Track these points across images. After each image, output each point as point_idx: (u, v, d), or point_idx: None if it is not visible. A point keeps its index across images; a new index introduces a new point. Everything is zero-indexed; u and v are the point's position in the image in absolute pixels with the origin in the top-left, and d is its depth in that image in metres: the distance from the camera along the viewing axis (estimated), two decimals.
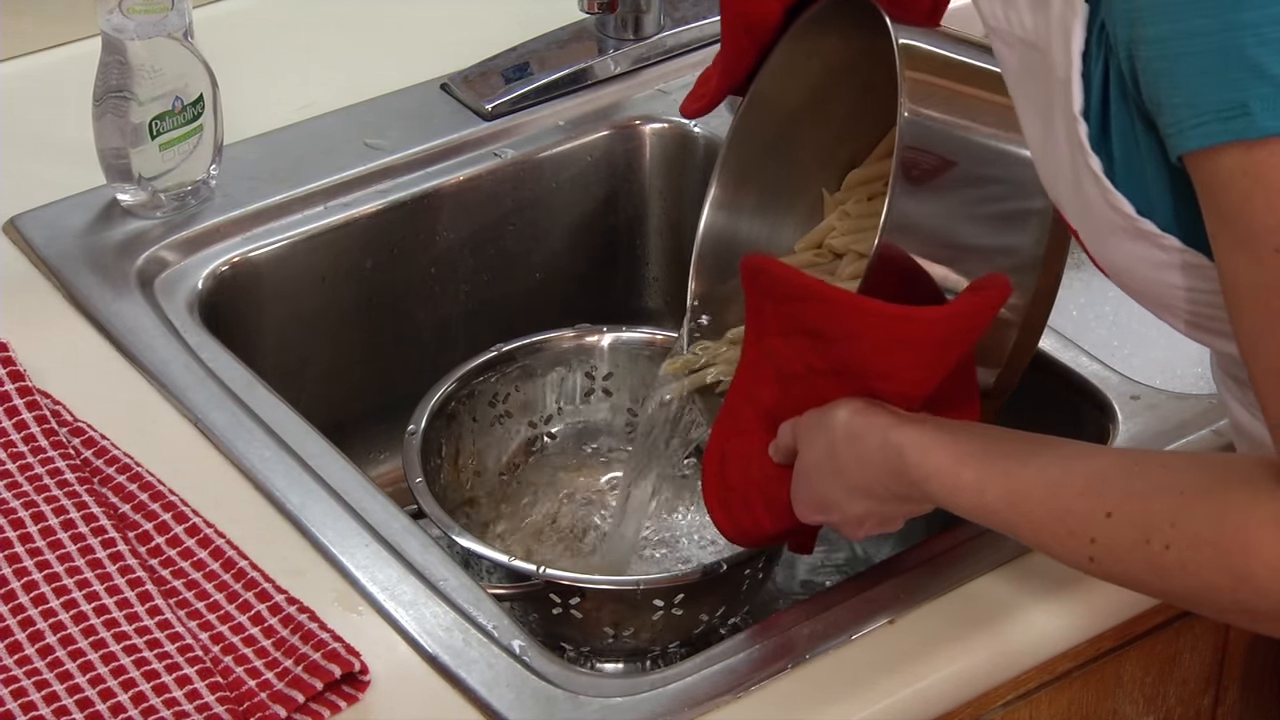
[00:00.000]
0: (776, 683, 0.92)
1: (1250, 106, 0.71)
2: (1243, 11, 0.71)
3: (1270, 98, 0.70)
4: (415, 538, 0.99)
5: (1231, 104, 0.71)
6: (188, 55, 1.16)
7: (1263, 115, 0.71)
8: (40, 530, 0.97)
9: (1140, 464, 0.81)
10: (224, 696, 0.89)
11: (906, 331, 0.87)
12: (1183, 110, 0.74)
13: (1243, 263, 0.74)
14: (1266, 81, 0.70)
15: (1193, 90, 0.73)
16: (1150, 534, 0.79)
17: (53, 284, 1.15)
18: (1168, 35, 0.73)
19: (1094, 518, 0.81)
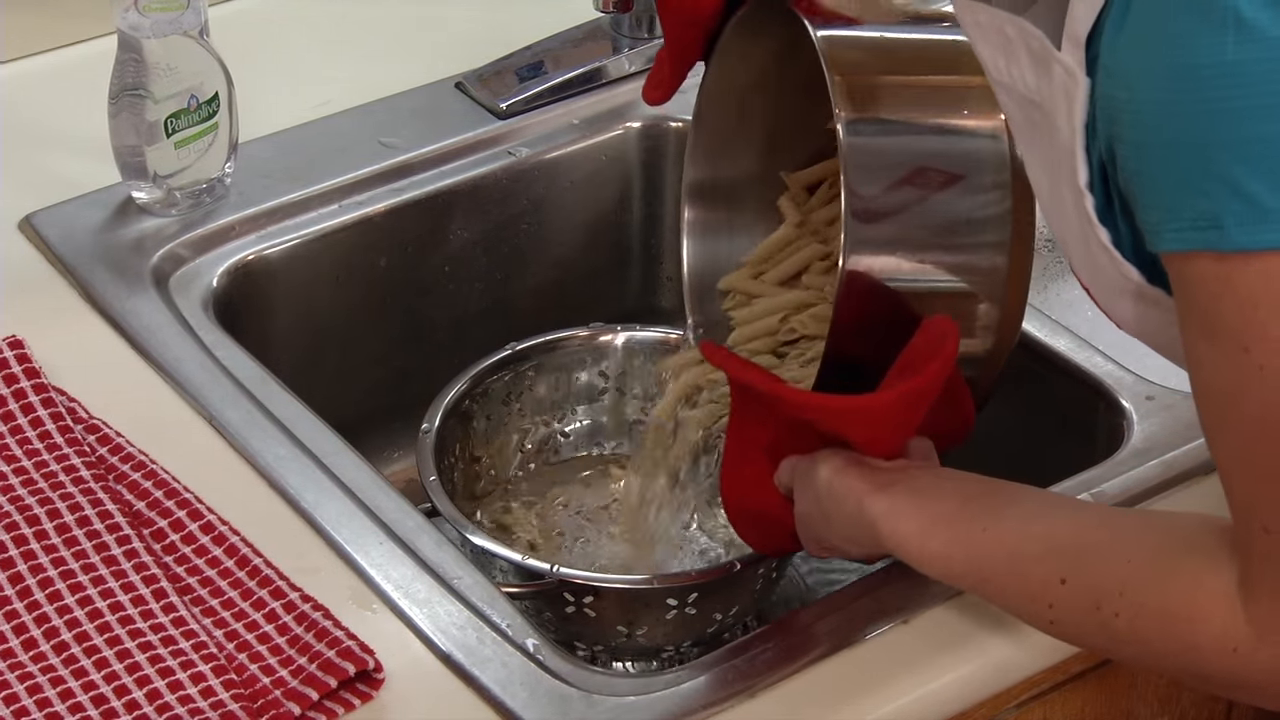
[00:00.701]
0: (790, 682, 0.92)
1: (1223, 220, 0.72)
2: (1221, 130, 0.71)
3: (1243, 214, 0.71)
4: (429, 536, 0.99)
5: (1205, 215, 0.72)
6: (203, 53, 1.17)
7: (1235, 230, 0.72)
8: (56, 527, 0.97)
9: (1093, 529, 0.83)
10: (238, 694, 0.89)
11: (858, 420, 0.90)
12: (1158, 213, 0.75)
13: (1207, 354, 0.75)
14: (1240, 198, 0.71)
15: (1168, 197, 0.74)
16: (1101, 601, 0.81)
17: (68, 281, 1.16)
18: (1147, 142, 0.74)
19: (1050, 583, 0.83)
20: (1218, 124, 0.71)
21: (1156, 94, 0.73)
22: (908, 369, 0.91)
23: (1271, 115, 0.71)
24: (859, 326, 0.93)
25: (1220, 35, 0.70)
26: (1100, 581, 0.81)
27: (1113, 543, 0.82)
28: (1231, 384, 0.74)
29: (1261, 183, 0.71)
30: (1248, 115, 0.71)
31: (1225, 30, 0.70)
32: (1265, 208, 0.71)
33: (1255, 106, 0.71)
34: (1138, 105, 0.74)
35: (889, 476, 0.91)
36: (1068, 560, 0.83)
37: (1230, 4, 0.70)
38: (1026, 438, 1.17)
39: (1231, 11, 0.70)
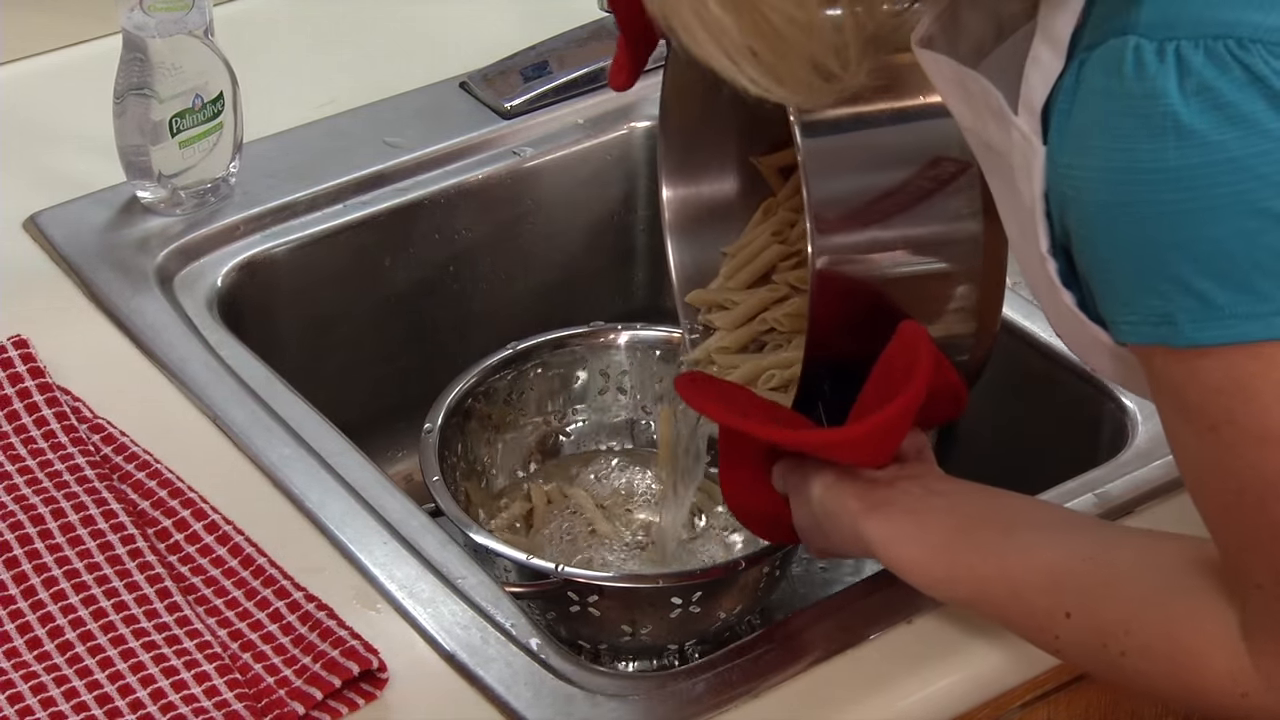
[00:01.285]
0: (794, 682, 0.92)
1: (1176, 318, 0.73)
2: (1167, 233, 0.72)
3: (1195, 311, 0.72)
4: (433, 535, 0.99)
5: (1158, 312, 0.74)
6: (208, 53, 1.17)
7: (1189, 327, 0.73)
8: (60, 527, 0.97)
9: (1095, 561, 0.83)
10: (242, 693, 0.89)
11: (839, 450, 0.90)
12: (1113, 307, 0.76)
13: (1180, 431, 0.77)
14: (1191, 295, 0.72)
15: (1121, 294, 0.75)
16: (1107, 639, 0.81)
17: (72, 281, 1.16)
18: (1096, 240, 0.75)
19: (1056, 616, 0.84)
20: (1164, 227, 0.72)
21: (1101, 195, 0.74)
22: (885, 384, 0.90)
23: (1215, 217, 0.71)
24: (836, 325, 0.93)
25: (1161, 141, 0.71)
26: (1105, 619, 0.82)
27: (1114, 580, 0.82)
28: (1206, 459, 0.76)
29: (1210, 281, 0.72)
30: (1192, 218, 0.71)
31: (1165, 136, 0.71)
32: (1216, 305, 0.72)
33: (1199, 209, 0.71)
34: (1084, 205, 0.75)
35: (882, 494, 0.90)
36: (1071, 595, 0.83)
37: (1169, 110, 0.71)
38: (1030, 438, 1.17)
39: (1170, 118, 0.71)
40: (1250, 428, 0.73)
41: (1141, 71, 0.71)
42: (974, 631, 0.94)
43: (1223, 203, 0.71)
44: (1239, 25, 0.70)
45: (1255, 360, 0.72)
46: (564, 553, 1.15)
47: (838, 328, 0.93)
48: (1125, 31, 0.72)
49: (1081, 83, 0.74)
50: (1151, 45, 0.71)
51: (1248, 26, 0.70)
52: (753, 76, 0.77)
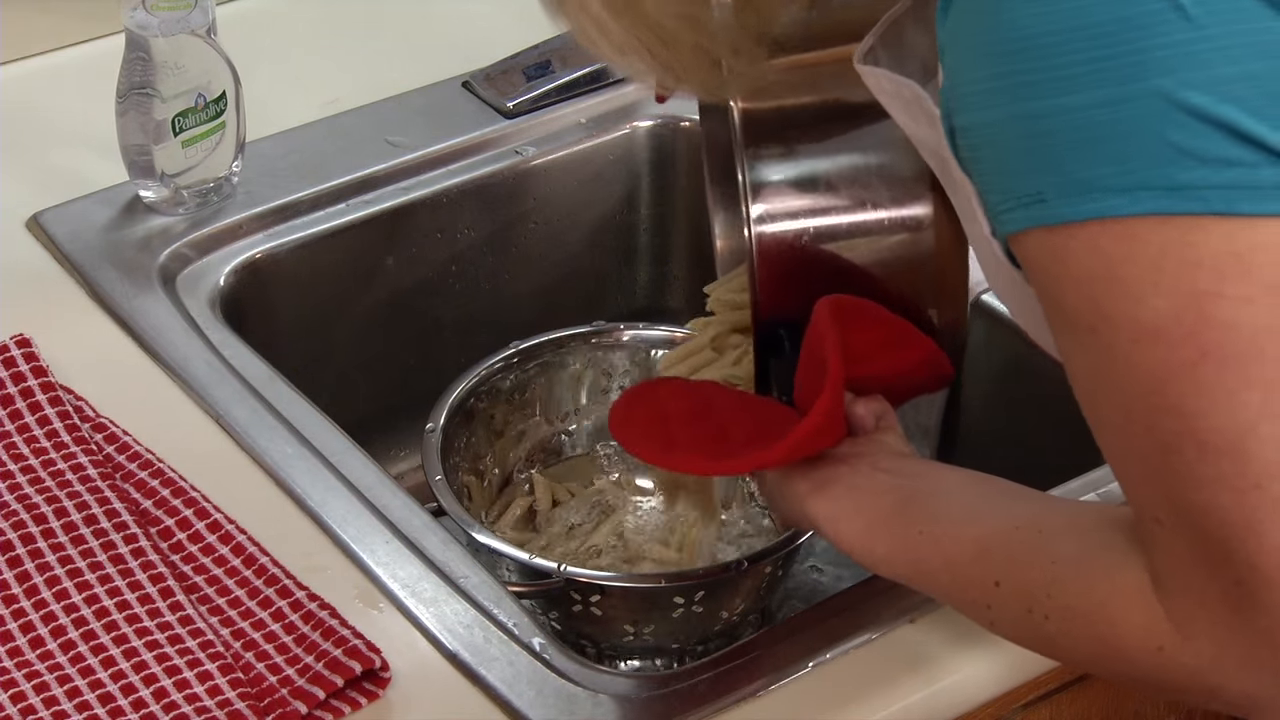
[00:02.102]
0: (796, 682, 0.92)
1: (1045, 193, 0.72)
2: (1026, 104, 0.71)
3: (1060, 185, 0.71)
4: (436, 535, 0.99)
5: (1030, 190, 0.72)
6: (211, 52, 1.17)
7: (1057, 202, 0.71)
8: (63, 525, 0.97)
9: (1023, 530, 0.82)
10: (245, 692, 0.89)
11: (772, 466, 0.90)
12: (992, 196, 0.75)
13: (1065, 346, 0.75)
14: (1056, 170, 0.71)
15: (997, 177, 0.74)
16: (1031, 604, 0.80)
17: (75, 280, 1.16)
18: (970, 125, 0.74)
19: (986, 585, 0.82)
20: (1025, 99, 0.71)
21: (970, 73, 0.73)
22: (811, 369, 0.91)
23: (1077, 85, 0.70)
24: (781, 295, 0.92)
25: (1022, 5, 0.70)
26: (1029, 584, 0.80)
27: (1040, 544, 0.80)
28: (1090, 371, 0.74)
29: (1074, 154, 0.70)
30: (1050, 88, 0.70)
31: (1026, 2, 0.70)
32: (1081, 178, 0.70)
33: (1055, 79, 0.70)
34: (957, 87, 0.74)
35: (828, 472, 0.90)
36: (999, 563, 0.82)
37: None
38: (1031, 437, 1.17)
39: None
40: (1124, 324, 0.71)
41: None
42: (976, 631, 0.94)
43: (1084, 70, 0.69)
44: None
45: (1123, 241, 0.70)
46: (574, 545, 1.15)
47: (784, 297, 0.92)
48: None
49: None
50: None
51: None
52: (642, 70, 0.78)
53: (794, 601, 1.16)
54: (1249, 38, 0.68)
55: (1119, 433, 0.74)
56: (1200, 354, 0.70)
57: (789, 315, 0.93)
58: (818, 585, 1.18)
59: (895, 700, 0.91)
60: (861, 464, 0.90)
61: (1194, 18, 0.68)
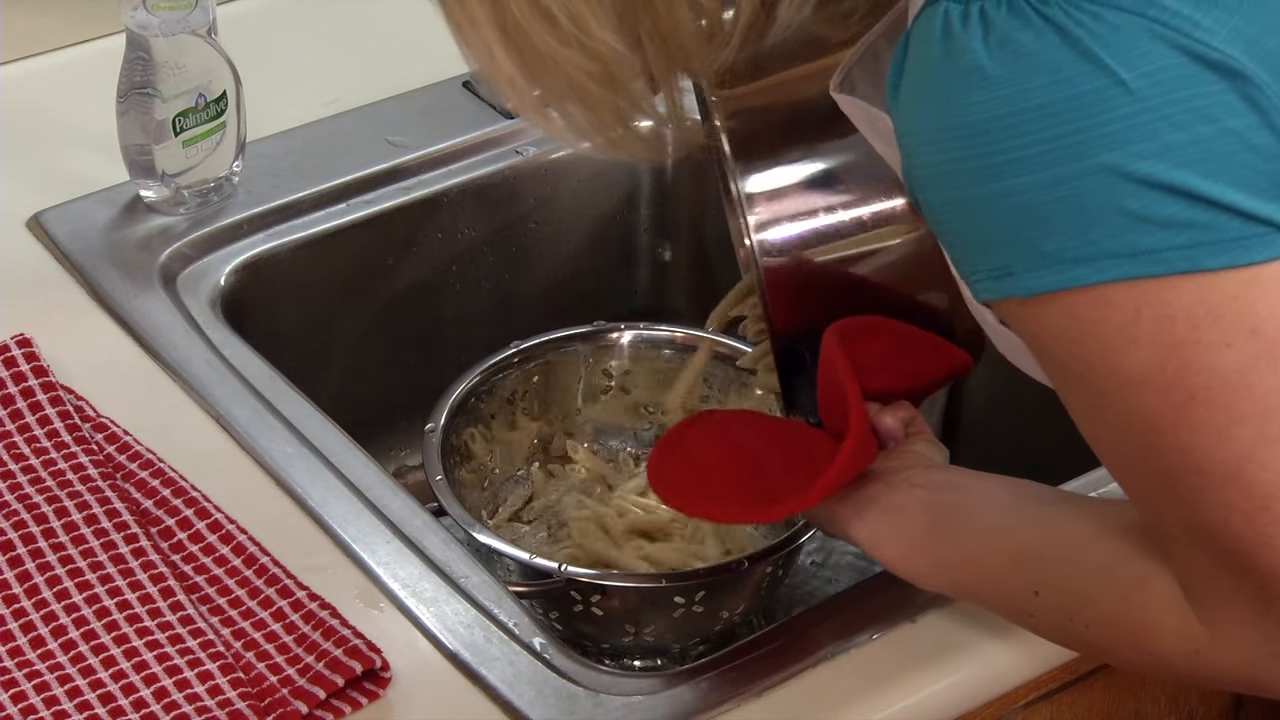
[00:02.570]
0: (797, 682, 0.92)
1: (1013, 267, 0.73)
2: (985, 185, 0.73)
3: (1029, 260, 0.73)
4: (436, 534, 0.99)
5: (998, 265, 0.74)
6: (211, 52, 1.17)
7: (1025, 275, 0.73)
8: (63, 525, 0.97)
9: (1054, 538, 0.84)
10: (245, 692, 0.89)
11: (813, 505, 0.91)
12: (963, 266, 0.77)
13: (1058, 383, 0.77)
14: (1022, 244, 0.73)
15: (964, 251, 0.76)
16: (1072, 614, 0.82)
17: (76, 280, 1.16)
18: (933, 202, 0.76)
19: (1026, 596, 0.85)
20: (984, 179, 0.73)
21: (928, 155, 0.75)
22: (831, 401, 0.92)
23: (1031, 166, 0.71)
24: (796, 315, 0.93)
25: (970, 94, 0.72)
26: (1067, 595, 0.82)
27: (1073, 554, 0.83)
28: (1088, 412, 0.76)
29: (1036, 230, 0.72)
30: (1009, 168, 0.72)
31: (973, 89, 0.72)
32: (1045, 252, 0.72)
33: (1015, 160, 0.72)
34: (917, 167, 0.76)
35: (866, 494, 0.92)
36: (1035, 575, 0.84)
37: (975, 64, 0.72)
38: (1034, 439, 1.17)
39: (976, 72, 0.72)
40: (1110, 375, 0.73)
41: (949, 33, 0.72)
42: (977, 630, 0.94)
43: (1031, 152, 0.71)
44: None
45: (1096, 306, 0.72)
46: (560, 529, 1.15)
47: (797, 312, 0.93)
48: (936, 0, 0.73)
49: (907, 55, 0.75)
50: (958, 8, 0.72)
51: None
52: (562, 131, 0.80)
53: (795, 601, 1.16)
54: (1191, 104, 0.70)
55: (1124, 465, 0.76)
56: (1188, 397, 0.72)
57: (805, 329, 0.94)
58: (818, 585, 1.18)
59: (896, 700, 0.91)
60: (897, 480, 0.92)
61: (1135, 90, 0.70)
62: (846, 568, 1.19)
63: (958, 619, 0.95)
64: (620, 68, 0.80)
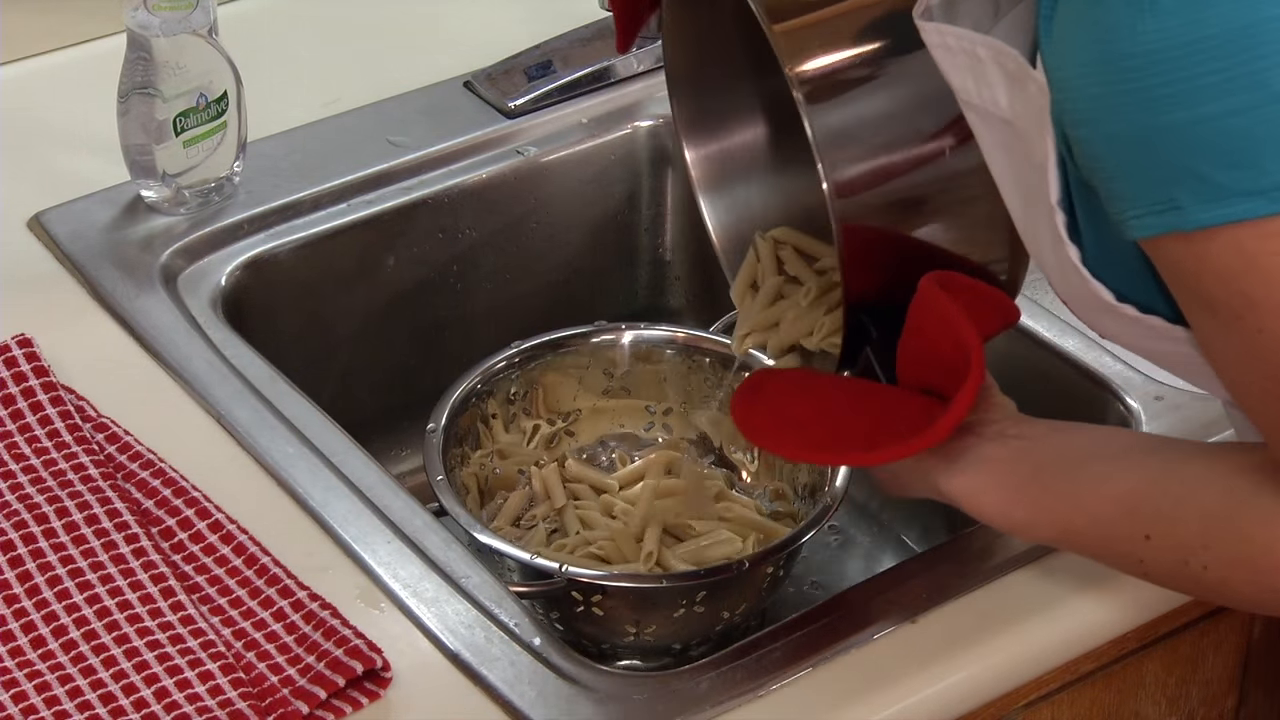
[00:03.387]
0: (798, 682, 0.92)
1: (1180, 201, 0.73)
2: (1155, 117, 0.72)
3: (1198, 191, 0.72)
4: (437, 535, 0.99)
5: (1162, 199, 0.73)
6: (212, 52, 1.17)
7: (1193, 209, 0.73)
8: (64, 525, 0.97)
9: (1164, 483, 0.84)
10: (246, 692, 0.89)
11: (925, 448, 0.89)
12: (1119, 203, 0.76)
13: (1207, 326, 0.77)
14: (1192, 177, 0.72)
15: (1124, 186, 0.75)
16: (1188, 556, 0.82)
17: (77, 280, 1.16)
18: (1092, 137, 0.75)
19: (1136, 540, 0.84)
20: (1155, 111, 0.72)
21: (1090, 88, 0.73)
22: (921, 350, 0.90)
23: (1206, 97, 0.71)
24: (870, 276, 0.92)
25: (1140, 23, 0.71)
26: (1182, 538, 0.82)
27: (1185, 497, 0.82)
28: (1238, 350, 0.76)
29: (1209, 161, 0.71)
30: (1183, 100, 0.71)
31: (1144, 17, 0.71)
32: (1217, 184, 0.71)
33: (1188, 90, 0.71)
34: (1075, 101, 0.74)
35: (957, 446, 0.91)
36: (1147, 519, 0.83)
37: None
38: None
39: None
40: (1271, 308, 0.73)
41: None
42: (977, 631, 0.94)
43: (1208, 82, 0.70)
44: None
45: (1265, 238, 0.72)
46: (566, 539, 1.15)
47: (872, 278, 0.92)
48: None
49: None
50: None
51: None
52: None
53: (795, 601, 1.16)
54: None
55: (1268, 399, 0.76)
56: None
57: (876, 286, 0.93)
58: (819, 586, 1.18)
59: (896, 700, 0.91)
60: (988, 432, 0.91)
61: None
62: (846, 569, 1.19)
63: (958, 619, 0.95)
64: None
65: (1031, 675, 0.96)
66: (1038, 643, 0.95)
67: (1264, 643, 1.07)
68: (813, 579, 1.19)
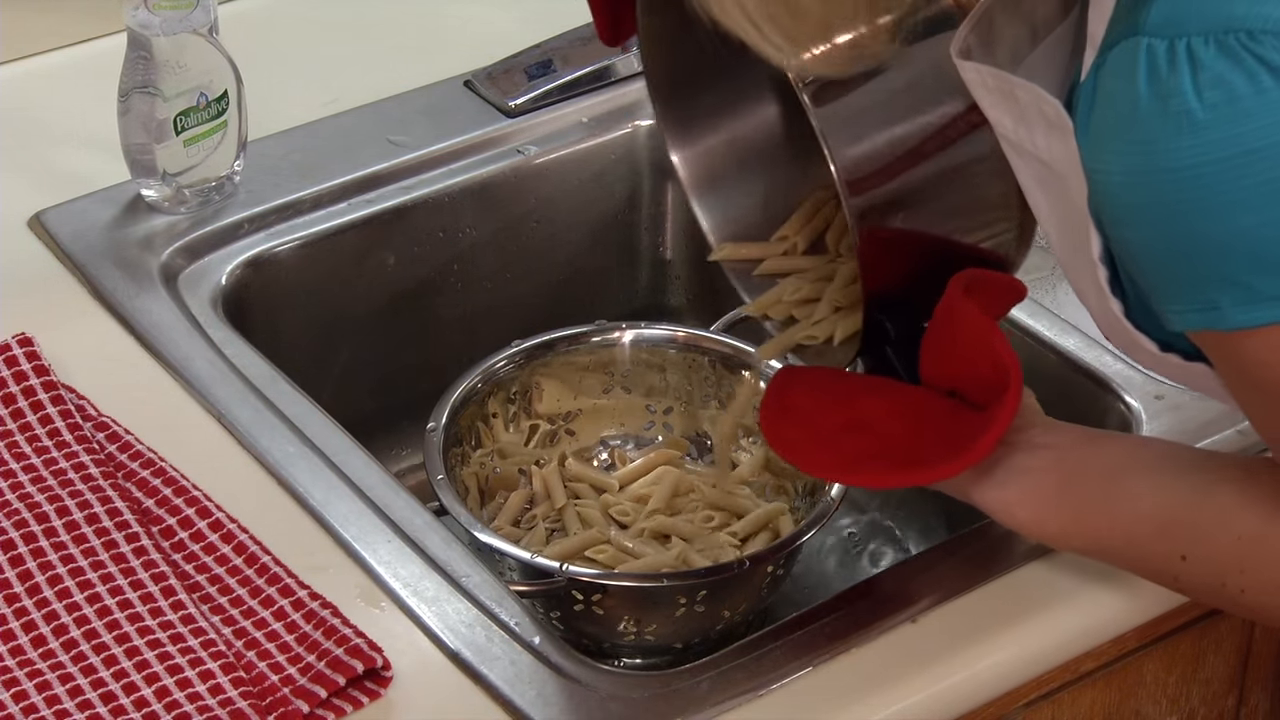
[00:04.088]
0: (798, 681, 0.92)
1: (1220, 303, 0.74)
2: (1196, 228, 0.73)
3: (1237, 296, 0.74)
4: (437, 534, 0.99)
5: (1201, 300, 0.75)
6: (213, 51, 1.17)
7: (1231, 311, 0.74)
8: (65, 524, 0.97)
9: (1199, 505, 0.84)
10: (247, 691, 0.89)
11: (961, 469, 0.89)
12: (1159, 296, 0.77)
13: (1251, 401, 0.79)
14: (1230, 284, 0.74)
15: (1162, 284, 0.76)
16: (1224, 578, 0.83)
17: (77, 279, 1.16)
18: (1131, 239, 0.76)
19: (1172, 559, 0.85)
20: (1193, 223, 0.73)
21: (1126, 197, 0.74)
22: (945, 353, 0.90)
23: (1242, 210, 0.72)
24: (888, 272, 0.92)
25: (1178, 140, 0.72)
26: (1218, 559, 0.83)
27: (1222, 519, 0.83)
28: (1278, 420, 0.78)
29: (1245, 270, 0.73)
30: (1219, 213, 0.72)
31: (1181, 135, 0.71)
32: (1256, 289, 0.73)
33: (1224, 204, 0.72)
34: (1112, 206, 0.75)
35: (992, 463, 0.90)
36: (1183, 540, 0.84)
37: (1184, 108, 0.71)
38: None
39: (1186, 116, 0.71)
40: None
41: (1154, 72, 0.71)
42: (977, 630, 0.94)
43: (1247, 195, 0.71)
44: (1248, 18, 0.70)
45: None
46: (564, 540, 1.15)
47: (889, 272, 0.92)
48: (1136, 32, 0.72)
49: (1099, 87, 0.74)
50: (1163, 44, 0.71)
51: (1256, 18, 0.70)
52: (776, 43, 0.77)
53: (796, 601, 1.16)
54: None
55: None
56: None
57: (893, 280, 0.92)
58: (819, 585, 1.18)
59: (897, 700, 0.91)
60: (1019, 439, 0.91)
61: None
62: (846, 569, 1.19)
63: (958, 618, 0.95)
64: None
65: (1032, 675, 0.96)
66: (1038, 642, 0.95)
67: (1264, 643, 1.07)
68: (813, 578, 1.18)
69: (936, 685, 0.92)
